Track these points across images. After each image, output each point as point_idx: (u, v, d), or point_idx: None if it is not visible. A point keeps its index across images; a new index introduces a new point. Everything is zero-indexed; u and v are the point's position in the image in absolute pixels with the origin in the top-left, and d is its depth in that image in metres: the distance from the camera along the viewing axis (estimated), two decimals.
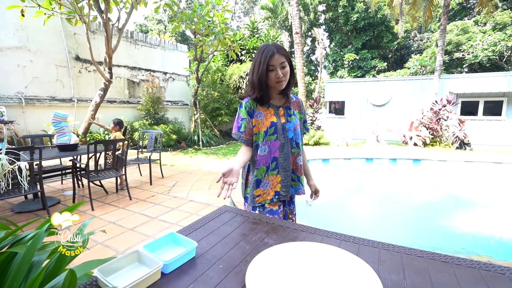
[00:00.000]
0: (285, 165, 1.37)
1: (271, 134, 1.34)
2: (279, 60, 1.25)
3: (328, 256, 0.83)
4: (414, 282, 0.76)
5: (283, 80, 1.28)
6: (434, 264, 0.86)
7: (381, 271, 0.81)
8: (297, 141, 1.40)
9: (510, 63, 15.02)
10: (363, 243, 0.98)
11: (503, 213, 3.93)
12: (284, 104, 1.41)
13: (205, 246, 0.95)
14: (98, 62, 7.69)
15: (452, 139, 9.11)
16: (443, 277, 0.79)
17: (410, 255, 0.91)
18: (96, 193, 3.91)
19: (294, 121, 1.39)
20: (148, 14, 29.08)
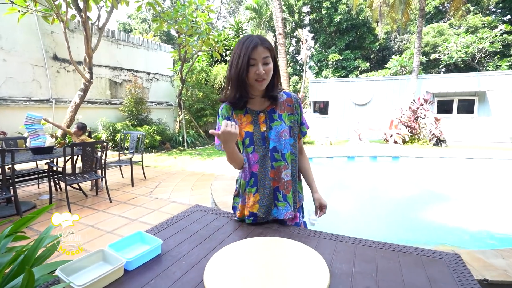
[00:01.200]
0: (264, 182, 1.14)
1: (247, 146, 1.14)
2: (262, 54, 1.04)
3: (283, 249, 0.89)
4: (362, 269, 0.83)
5: (264, 78, 1.06)
6: (383, 253, 0.94)
7: (334, 261, 0.88)
8: (283, 152, 1.13)
9: (481, 64, 15.82)
10: (322, 237, 1.05)
11: (471, 205, 4.17)
12: (267, 107, 1.16)
13: (172, 244, 0.99)
14: (78, 62, 7.48)
15: (429, 136, 9.51)
16: (388, 263, 0.87)
17: (364, 246, 0.99)
18: (75, 197, 3.82)
19: (278, 127, 1.13)
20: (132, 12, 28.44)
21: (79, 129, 3.87)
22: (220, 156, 7.40)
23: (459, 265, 0.86)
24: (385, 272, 0.82)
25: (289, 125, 1.16)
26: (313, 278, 0.73)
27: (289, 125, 1.16)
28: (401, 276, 0.80)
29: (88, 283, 0.67)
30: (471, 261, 2.05)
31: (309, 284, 0.70)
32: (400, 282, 0.77)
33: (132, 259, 0.80)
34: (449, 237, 3.16)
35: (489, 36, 14.81)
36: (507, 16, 17.63)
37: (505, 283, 1.83)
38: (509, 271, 1.92)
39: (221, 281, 0.71)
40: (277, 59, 1.12)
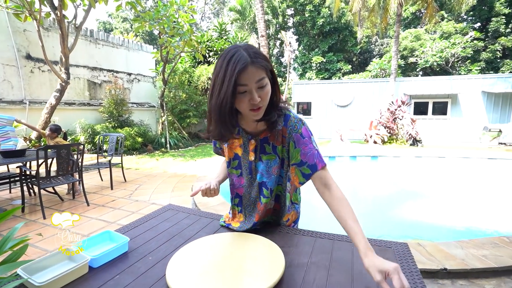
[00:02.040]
0: (250, 210, 1.05)
1: (234, 168, 1.04)
2: (256, 77, 0.78)
3: (244, 243, 0.95)
4: (317, 260, 0.90)
5: (260, 106, 0.82)
6: (340, 244, 1.01)
7: (293, 253, 0.94)
8: (272, 188, 0.99)
9: (454, 68, 16.72)
10: (286, 232, 1.12)
11: (442, 201, 4.42)
12: (261, 134, 0.96)
13: (140, 242, 1.02)
14: (54, 62, 7.22)
15: (406, 137, 9.94)
16: (342, 253, 0.94)
17: (323, 239, 1.06)
18: (50, 201, 3.71)
19: (271, 163, 0.97)
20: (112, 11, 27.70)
21: (53, 131, 3.74)
22: (203, 157, 7.38)
23: (405, 253, 0.95)
24: (338, 261, 0.89)
25: (282, 157, 0.99)
26: (269, 268, 0.79)
27: (282, 158, 0.99)
28: (351, 264, 0.87)
29: (49, 280, 0.69)
30: (434, 253, 2.20)
31: (264, 274, 0.76)
32: (349, 269, 0.84)
33: (97, 256, 0.83)
34: (420, 230, 3.34)
35: (461, 42, 15.68)
36: (477, 23, 18.73)
37: (462, 271, 1.98)
38: (467, 260, 2.08)
39: (181, 274, 0.75)
40: (274, 73, 0.87)
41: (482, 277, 2.01)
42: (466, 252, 2.20)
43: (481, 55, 16.56)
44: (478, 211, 3.99)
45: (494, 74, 11.54)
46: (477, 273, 2.00)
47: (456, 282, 1.97)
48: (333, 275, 0.81)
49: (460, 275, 1.99)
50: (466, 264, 2.01)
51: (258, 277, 0.75)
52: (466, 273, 1.99)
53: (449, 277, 1.99)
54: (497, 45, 16.27)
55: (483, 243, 2.37)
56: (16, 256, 1.15)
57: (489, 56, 16.41)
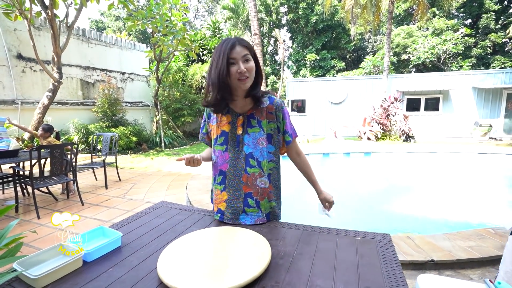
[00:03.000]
0: (235, 184, 1.15)
1: (219, 144, 1.17)
2: (242, 53, 1.03)
3: (233, 236, 0.99)
4: (302, 251, 0.95)
5: (246, 76, 1.04)
6: (325, 236, 1.06)
7: (280, 245, 0.98)
8: (259, 159, 1.14)
9: (446, 65, 16.93)
10: (275, 226, 1.16)
11: (434, 196, 4.52)
12: (248, 111, 1.15)
13: (133, 237, 1.05)
14: (45, 61, 7.14)
15: (399, 133, 10.06)
16: (326, 245, 0.99)
17: (309, 231, 1.10)
18: (45, 201, 3.70)
19: (256, 134, 1.13)
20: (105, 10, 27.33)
21: (45, 131, 3.71)
22: None
23: (386, 244, 1.00)
24: (322, 251, 0.94)
25: (269, 132, 1.16)
26: (255, 259, 0.83)
27: (268, 133, 1.16)
28: (334, 254, 0.92)
29: (44, 273, 0.73)
30: (422, 245, 2.27)
31: (250, 264, 0.80)
32: (333, 259, 0.89)
33: (91, 250, 0.86)
34: (411, 224, 3.43)
35: (452, 39, 15.87)
36: (467, 20, 18.97)
37: (448, 262, 2.05)
38: (453, 251, 2.15)
39: (172, 266, 0.79)
40: (258, 59, 1.10)
41: (468, 267, 2.09)
42: (453, 244, 2.27)
43: (472, 51, 16.79)
44: (468, 205, 4.10)
45: (484, 70, 11.73)
46: (463, 264, 2.07)
47: (443, 273, 2.04)
48: (316, 264, 0.86)
49: (446, 266, 2.06)
50: (453, 255, 2.08)
51: (245, 267, 0.79)
52: (452, 264, 2.06)
53: (436, 268, 2.06)
54: (488, 41, 16.51)
55: (470, 235, 2.45)
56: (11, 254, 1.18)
57: (480, 52, 16.65)
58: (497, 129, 10.86)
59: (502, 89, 10.75)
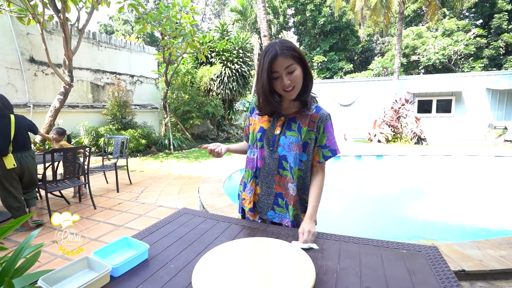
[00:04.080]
0: (268, 182, 1.16)
1: (257, 140, 1.16)
2: (284, 64, 0.98)
3: (270, 249, 0.91)
4: (346, 265, 0.86)
5: (292, 88, 1.01)
6: (366, 248, 0.97)
7: (320, 259, 0.90)
8: (291, 165, 1.11)
9: (457, 66, 16.61)
10: None
11: (451, 200, 4.36)
12: (291, 114, 1.13)
13: (159, 248, 0.98)
14: (57, 65, 7.22)
15: (410, 135, 9.86)
16: (371, 258, 0.90)
17: (348, 243, 1.02)
18: (57, 204, 3.69)
19: (291, 138, 1.09)
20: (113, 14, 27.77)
21: (60, 134, 3.72)
22: (208, 158, 7.35)
23: (436, 257, 0.91)
24: (368, 266, 0.85)
25: (306, 141, 1.11)
26: (300, 275, 0.75)
27: (305, 141, 1.11)
28: (383, 269, 0.83)
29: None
30: (449, 253, 2.15)
31: (295, 282, 0.72)
32: (382, 275, 0.80)
33: (118, 265, 0.79)
34: (431, 230, 3.29)
35: (463, 39, 15.58)
36: (479, 20, 18.62)
37: (481, 272, 1.93)
38: (484, 261, 2.03)
39: (209, 284, 0.72)
40: (306, 62, 1.04)
41: (502, 278, 1.96)
42: (483, 252, 2.15)
43: (484, 52, 16.45)
44: (487, 210, 3.93)
45: (498, 71, 11.44)
46: (496, 274, 1.95)
47: (475, 284, 1.92)
48: (365, 282, 0.78)
49: (478, 277, 1.94)
50: (485, 265, 1.96)
51: (290, 285, 0.71)
52: (484, 275, 1.94)
53: (467, 278, 1.94)
54: (500, 41, 16.16)
55: (499, 243, 2.32)
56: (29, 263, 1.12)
57: (492, 53, 16.30)
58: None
59: None
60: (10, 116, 2.76)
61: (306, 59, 1.04)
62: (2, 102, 2.70)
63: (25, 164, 2.78)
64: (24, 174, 2.82)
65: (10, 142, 2.67)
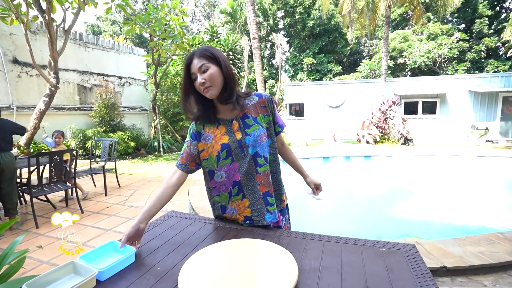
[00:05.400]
0: (252, 187, 1.13)
1: (224, 158, 1.11)
2: (198, 65, 1.01)
3: (254, 249, 0.94)
4: (328, 264, 0.90)
5: (208, 86, 1.02)
6: (348, 247, 1.01)
7: (303, 258, 0.93)
8: (265, 156, 1.13)
9: (441, 68, 17.14)
10: (294, 236, 1.11)
11: (435, 199, 4.51)
12: (239, 113, 1.12)
13: (146, 251, 0.99)
14: (42, 66, 7.05)
15: (397, 136, 10.11)
16: (352, 257, 0.94)
17: (331, 242, 1.06)
18: (43, 209, 3.60)
19: (256, 132, 1.11)
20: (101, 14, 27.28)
21: (63, 136, 3.88)
22: None
23: (414, 254, 0.96)
24: (349, 264, 0.89)
25: (266, 126, 1.15)
26: (282, 274, 0.78)
27: (266, 127, 1.15)
28: (363, 267, 0.87)
29: None
30: (432, 251, 2.23)
31: (278, 281, 0.75)
32: (362, 272, 0.84)
33: (104, 269, 0.80)
34: (416, 229, 3.39)
35: (447, 43, 16.10)
36: (461, 25, 19.30)
37: (460, 268, 2.02)
38: (464, 257, 2.12)
39: (194, 284, 0.74)
40: (226, 63, 1.06)
41: (480, 273, 2.05)
42: (464, 249, 2.24)
43: (466, 55, 17.04)
44: (470, 208, 4.08)
45: (480, 74, 11.89)
46: (475, 270, 2.04)
47: (456, 279, 2.00)
48: (346, 279, 0.81)
49: (459, 272, 2.03)
50: (464, 261, 2.05)
51: (273, 284, 0.74)
52: (464, 270, 2.02)
53: (448, 274, 2.02)
54: (481, 45, 16.79)
55: (479, 240, 2.42)
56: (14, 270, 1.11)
57: (474, 56, 16.91)
58: (493, 132, 10.97)
59: (498, 93, 10.89)
60: None
61: (224, 59, 1.05)
62: None
63: (4, 163, 2.85)
64: (4, 172, 2.88)
65: None
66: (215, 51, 1.05)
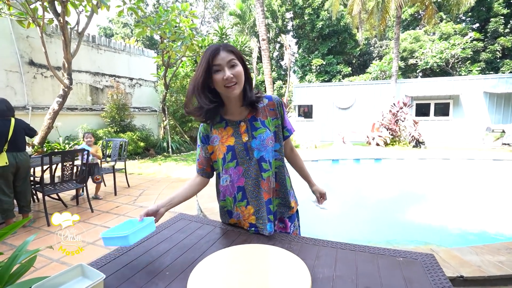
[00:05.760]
0: (256, 193, 1.08)
1: (229, 161, 1.08)
2: (226, 58, 0.96)
3: (266, 255, 0.91)
4: (342, 273, 0.86)
5: (234, 82, 0.96)
6: (363, 256, 0.97)
7: (316, 266, 0.90)
8: (270, 160, 1.08)
9: (454, 69, 16.71)
10: (305, 242, 1.08)
11: (449, 204, 4.36)
12: (248, 115, 1.09)
13: (155, 255, 0.98)
14: (56, 67, 7.23)
15: (409, 138, 9.89)
16: (367, 266, 0.90)
17: (344, 250, 1.02)
18: (54, 207, 3.67)
19: (262, 136, 1.06)
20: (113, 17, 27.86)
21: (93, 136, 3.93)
22: None
23: (433, 265, 0.91)
24: (365, 275, 0.85)
25: (274, 130, 1.10)
26: (295, 283, 0.74)
27: (274, 131, 1.10)
28: (379, 278, 0.83)
29: None
30: (448, 259, 2.15)
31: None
32: (379, 284, 0.80)
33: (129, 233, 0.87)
34: (429, 235, 3.28)
35: (460, 43, 15.69)
36: (475, 24, 18.78)
37: (479, 278, 1.93)
38: (483, 267, 2.02)
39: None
40: (246, 63, 1.03)
41: (501, 284, 1.96)
42: (482, 258, 2.14)
43: (480, 55, 16.57)
44: (486, 214, 3.93)
45: (496, 75, 11.51)
46: (494, 281, 1.94)
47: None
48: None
49: (477, 283, 1.94)
50: (483, 271, 1.96)
51: None
52: (483, 281, 1.93)
53: (465, 284, 1.93)
54: (497, 45, 16.28)
55: (497, 248, 2.31)
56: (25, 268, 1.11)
57: (489, 56, 16.42)
58: (510, 135, 10.58)
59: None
60: (11, 119, 2.95)
61: (245, 62, 1.03)
62: (6, 105, 2.94)
63: (19, 162, 2.91)
64: (19, 170, 2.95)
65: (6, 142, 2.81)
66: (239, 50, 1.03)
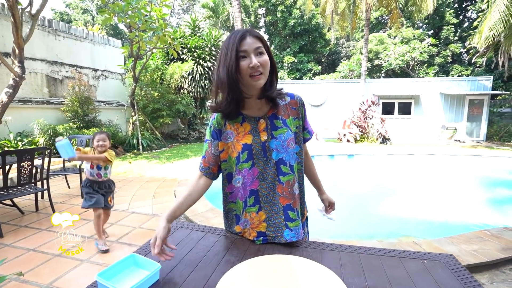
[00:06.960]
0: (271, 198, 0.99)
1: (244, 161, 0.97)
2: (254, 45, 0.87)
3: (293, 268, 0.82)
4: (374, 282, 0.80)
5: (260, 72, 0.88)
6: (387, 260, 0.93)
7: (344, 276, 0.83)
8: (291, 163, 0.99)
9: (414, 71, 18.07)
10: (323, 248, 1.01)
11: (418, 197, 4.68)
12: (268, 112, 0.99)
13: (160, 275, 0.84)
14: (4, 53, 6.35)
15: (376, 135, 10.46)
16: (396, 272, 0.86)
17: (366, 254, 0.97)
18: (8, 215, 3.20)
19: (284, 136, 0.98)
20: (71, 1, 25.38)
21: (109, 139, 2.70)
22: (180, 159, 7.03)
23: (457, 265, 0.90)
24: (398, 282, 0.80)
25: (295, 131, 1.01)
26: None
27: (294, 132, 1.01)
28: (413, 285, 0.79)
29: None
30: (430, 250, 2.26)
31: None
32: None
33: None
34: (404, 228, 3.47)
35: (419, 47, 16.98)
36: (430, 31, 20.49)
37: None
38: (461, 256, 2.16)
39: None
40: (271, 53, 0.93)
41: (476, 271, 2.10)
42: (459, 248, 2.29)
43: (435, 59, 18.10)
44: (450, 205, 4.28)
45: (450, 78, 12.66)
46: (472, 268, 2.08)
47: None
48: None
49: None
50: (463, 261, 2.09)
51: None
52: None
53: None
54: (448, 51, 17.93)
55: (470, 238, 2.50)
56: None
57: (442, 60, 18.02)
58: (461, 132, 11.75)
59: (465, 95, 11.66)
60: None
61: (271, 52, 0.94)
62: None
63: None
64: None
65: None
66: (265, 38, 0.92)
